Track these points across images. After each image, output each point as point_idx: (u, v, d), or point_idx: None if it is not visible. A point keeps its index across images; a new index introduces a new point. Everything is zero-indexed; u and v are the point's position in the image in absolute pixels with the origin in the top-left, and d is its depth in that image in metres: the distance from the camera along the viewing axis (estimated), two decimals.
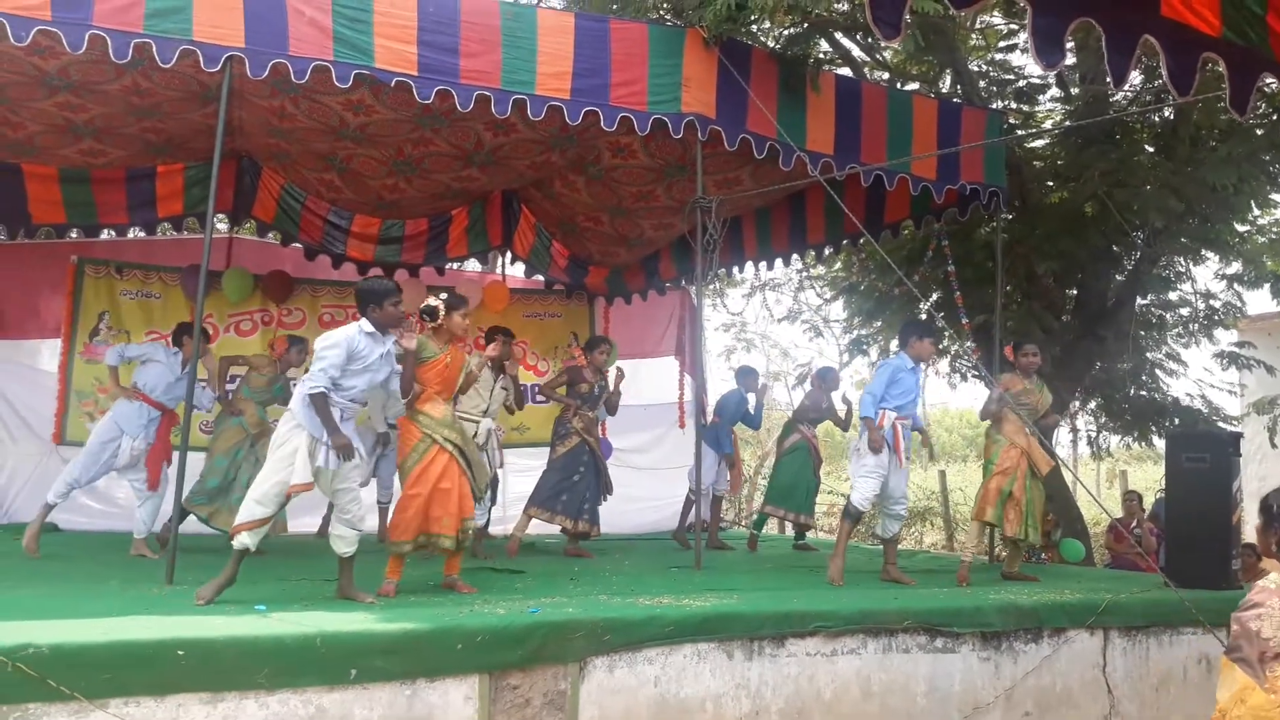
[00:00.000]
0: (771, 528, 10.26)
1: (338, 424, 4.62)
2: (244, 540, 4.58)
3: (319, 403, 4.58)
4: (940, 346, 6.43)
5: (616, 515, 9.40)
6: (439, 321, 5.15)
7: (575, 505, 7.21)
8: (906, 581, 6.13)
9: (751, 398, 8.72)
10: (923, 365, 6.37)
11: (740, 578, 6.18)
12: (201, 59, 5.24)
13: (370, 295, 4.86)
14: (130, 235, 9.53)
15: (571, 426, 7.33)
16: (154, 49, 5.14)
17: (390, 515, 5.52)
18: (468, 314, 5.28)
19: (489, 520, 8.16)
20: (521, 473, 8.54)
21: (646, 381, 10.69)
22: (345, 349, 4.68)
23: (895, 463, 6.13)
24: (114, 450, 6.47)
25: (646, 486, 9.47)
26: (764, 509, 8.72)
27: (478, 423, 6.80)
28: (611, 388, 7.47)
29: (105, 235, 9.53)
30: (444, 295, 5.30)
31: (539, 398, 9.36)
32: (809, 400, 8.71)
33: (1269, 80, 3.66)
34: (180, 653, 3.39)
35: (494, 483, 7.67)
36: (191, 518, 6.82)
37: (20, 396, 8.83)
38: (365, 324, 4.81)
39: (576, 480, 7.22)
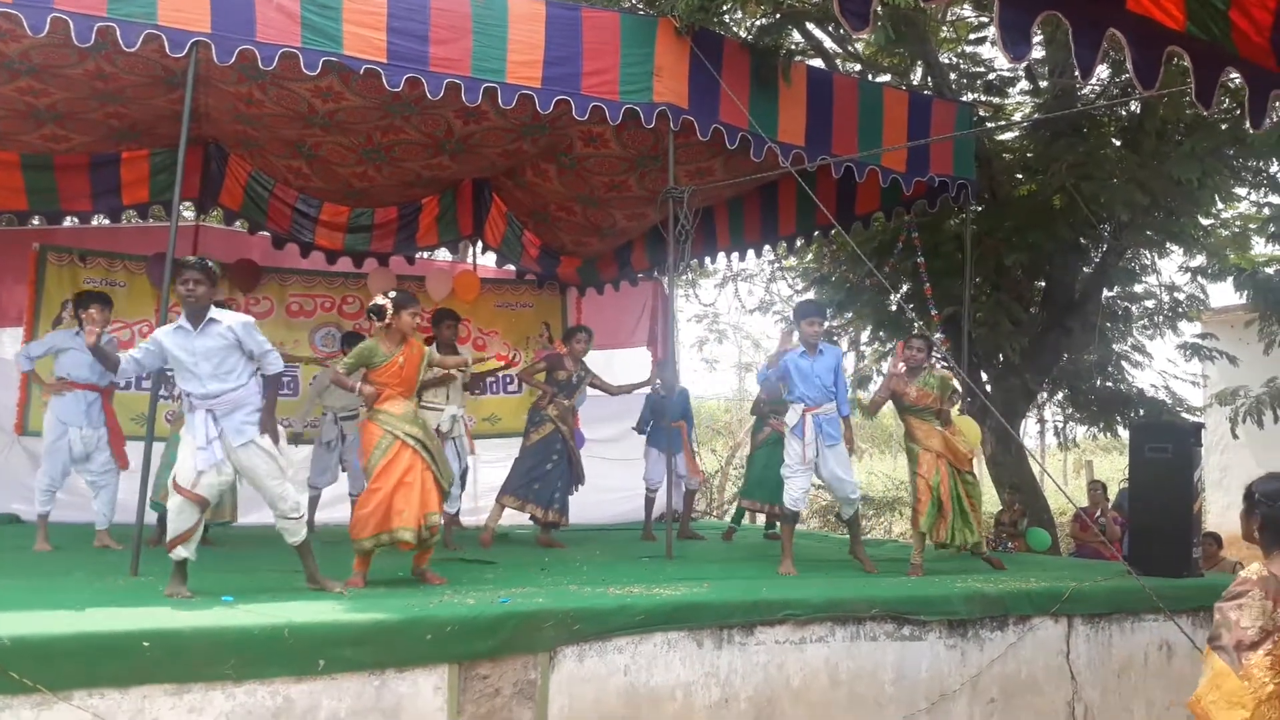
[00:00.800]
0: (749, 519, 10.28)
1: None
2: (180, 553, 4.46)
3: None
4: (815, 326, 6.18)
5: (588, 506, 9.39)
6: (387, 321, 5.04)
7: (547, 494, 7.22)
8: (868, 565, 6.16)
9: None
10: (823, 348, 6.12)
11: (711, 567, 6.21)
12: (167, 44, 5.16)
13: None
14: (94, 223, 9.38)
15: (546, 414, 7.33)
16: (118, 33, 5.06)
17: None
18: (419, 312, 5.17)
19: (459, 510, 8.14)
20: (492, 463, 8.53)
21: (621, 372, 10.68)
22: (152, 343, 4.61)
23: (822, 453, 6.02)
24: (66, 445, 6.38)
25: (618, 477, 9.46)
26: (740, 502, 8.73)
27: (441, 411, 6.76)
28: (590, 378, 7.46)
29: (68, 222, 9.38)
30: (393, 294, 5.16)
31: (510, 388, 9.35)
32: (765, 391, 8.59)
33: (1233, 74, 3.70)
34: (146, 644, 3.37)
35: (464, 472, 7.65)
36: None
37: None
38: (179, 317, 4.68)
39: (549, 469, 7.23)
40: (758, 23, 7.61)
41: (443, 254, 10.93)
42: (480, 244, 10.30)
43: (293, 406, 9.24)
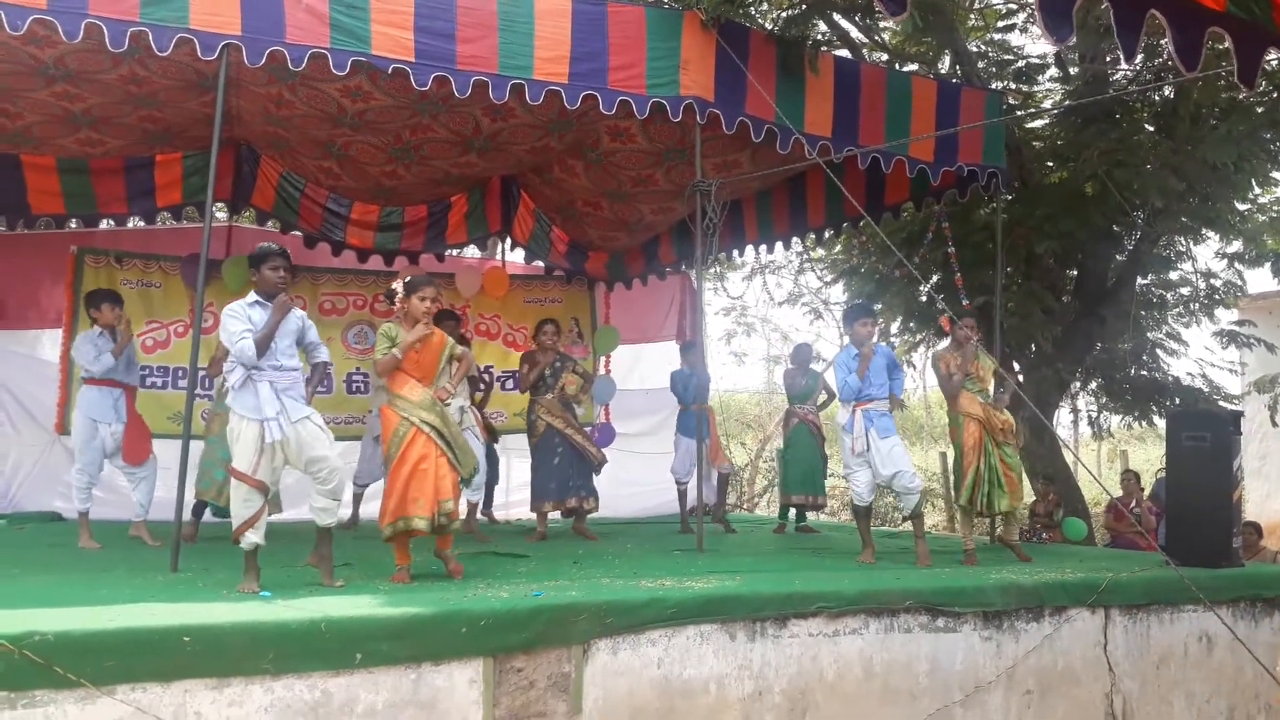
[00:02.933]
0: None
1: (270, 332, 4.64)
2: (250, 539, 4.58)
3: (259, 346, 4.61)
4: (869, 327, 6.30)
5: (619, 499, 9.43)
6: (399, 305, 5.08)
7: (563, 485, 7.35)
8: (923, 560, 6.12)
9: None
10: (867, 347, 6.15)
11: (742, 559, 6.20)
12: (198, 47, 5.22)
13: (253, 260, 4.89)
14: (129, 225, 9.51)
15: (536, 415, 7.43)
16: (150, 37, 5.13)
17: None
18: (431, 297, 5.11)
19: (488, 500, 8.19)
20: (526, 456, 8.55)
21: (648, 366, 10.71)
22: (241, 316, 4.69)
23: (874, 446, 6.08)
24: (99, 442, 6.48)
25: (649, 470, 9.48)
26: (784, 500, 8.71)
27: (448, 404, 6.80)
28: (567, 373, 7.49)
29: (104, 225, 9.51)
30: (407, 278, 5.18)
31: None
32: (787, 380, 8.65)
33: (1272, 56, 3.64)
34: (186, 639, 3.41)
35: (494, 463, 7.70)
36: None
37: (22, 387, 8.84)
38: (251, 295, 4.82)
39: (557, 463, 7.34)
40: (783, 14, 7.57)
41: (472, 251, 10.97)
42: (509, 240, 10.34)
43: (329, 404, 9.35)
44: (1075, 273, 9.87)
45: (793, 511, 8.69)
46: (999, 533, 6.71)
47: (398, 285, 5.11)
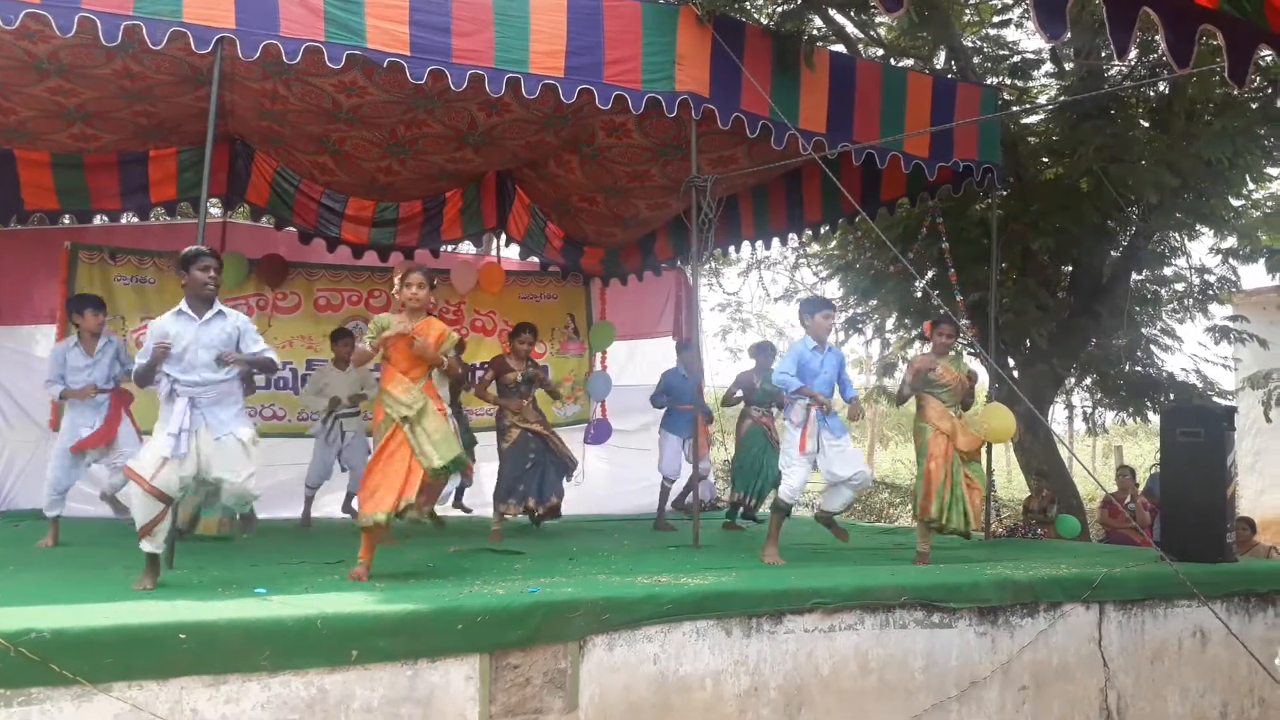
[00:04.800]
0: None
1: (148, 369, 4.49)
2: (146, 546, 4.47)
3: (139, 378, 4.55)
4: (831, 320, 6.17)
5: (615, 496, 9.45)
6: (396, 292, 5.02)
7: (535, 488, 7.20)
8: (840, 534, 6.16)
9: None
10: (826, 342, 6.02)
11: (738, 556, 6.20)
12: (192, 41, 5.21)
13: (181, 262, 4.61)
14: (123, 220, 9.48)
15: (509, 421, 7.33)
16: (144, 31, 5.11)
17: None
18: (413, 283, 4.96)
19: (459, 494, 8.16)
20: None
21: (644, 362, 10.70)
22: (150, 335, 4.54)
23: (823, 448, 5.90)
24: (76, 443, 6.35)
25: (645, 467, 9.47)
26: (731, 498, 8.62)
27: None
28: (538, 376, 7.44)
29: (98, 221, 9.49)
30: (407, 267, 5.10)
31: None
32: (743, 380, 8.33)
33: (1265, 52, 3.65)
34: (182, 636, 3.40)
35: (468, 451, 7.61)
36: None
37: (16, 383, 8.81)
38: (181, 303, 4.63)
39: (529, 467, 7.22)
40: (779, 9, 7.57)
41: (467, 247, 10.95)
42: (504, 236, 10.32)
43: (290, 402, 9.35)
44: (1070, 268, 9.89)
45: (761, 505, 8.58)
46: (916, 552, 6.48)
47: (396, 274, 5.05)
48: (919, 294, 9.94)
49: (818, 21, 8.88)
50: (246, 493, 4.65)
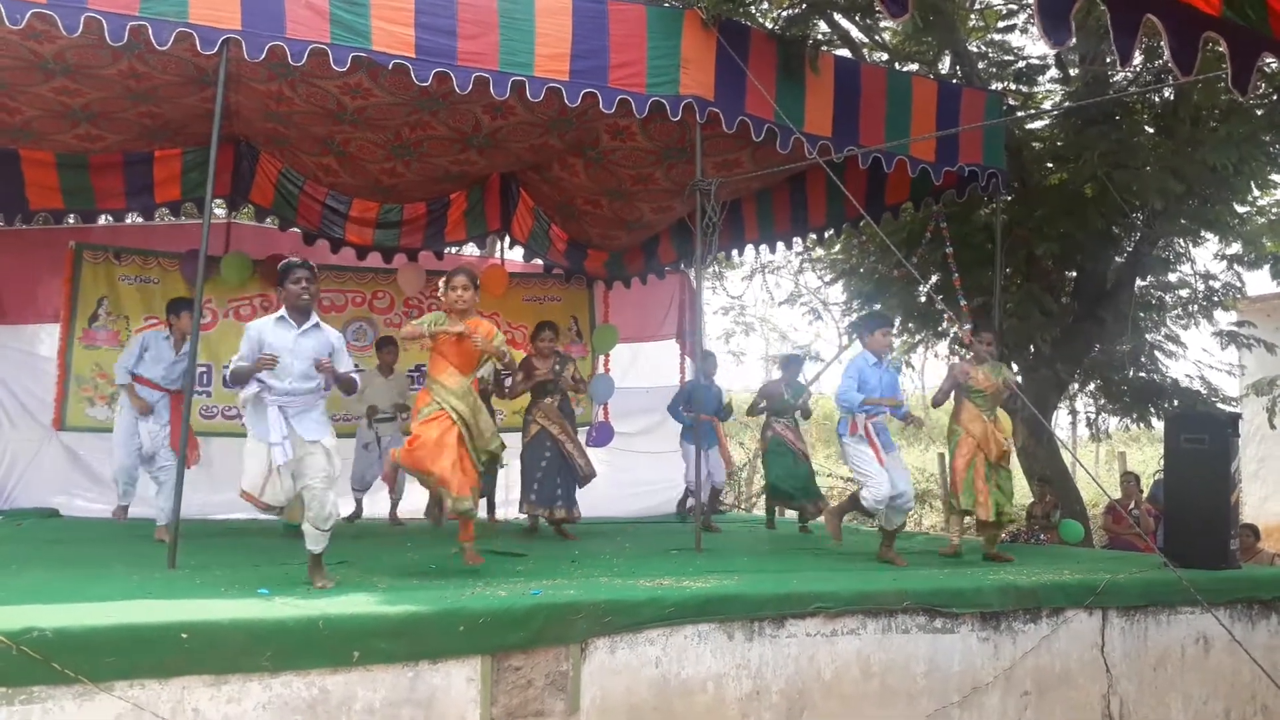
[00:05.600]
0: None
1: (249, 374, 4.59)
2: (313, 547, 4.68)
3: (235, 378, 4.64)
4: (906, 331, 6.34)
5: (617, 499, 9.43)
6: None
7: (549, 493, 7.27)
8: (899, 562, 6.13)
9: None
10: (888, 359, 6.17)
11: (740, 559, 6.20)
12: (198, 41, 5.21)
13: (278, 275, 4.79)
14: (128, 220, 9.51)
15: (532, 417, 7.40)
16: (150, 31, 5.12)
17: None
18: (457, 285, 5.14)
19: (490, 505, 8.18)
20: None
21: (647, 365, 10.71)
22: (250, 338, 4.63)
23: (885, 460, 6.02)
24: (137, 440, 6.49)
25: (647, 470, 9.49)
26: (769, 502, 8.70)
27: None
28: (567, 374, 7.44)
29: (103, 221, 9.51)
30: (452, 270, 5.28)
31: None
32: (768, 389, 8.43)
33: (1269, 60, 3.65)
34: (184, 635, 3.41)
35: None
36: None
37: (20, 382, 8.82)
38: (281, 310, 4.77)
39: (544, 466, 7.29)
40: (784, 13, 7.57)
41: (471, 249, 10.97)
42: (508, 239, 10.33)
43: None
44: (1074, 274, 9.87)
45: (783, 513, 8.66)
46: (982, 551, 6.61)
47: (441, 284, 5.25)
48: (923, 299, 9.93)
49: (823, 26, 8.89)
50: (329, 500, 4.68)
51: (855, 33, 9.67)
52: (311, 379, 4.68)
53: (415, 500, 7.81)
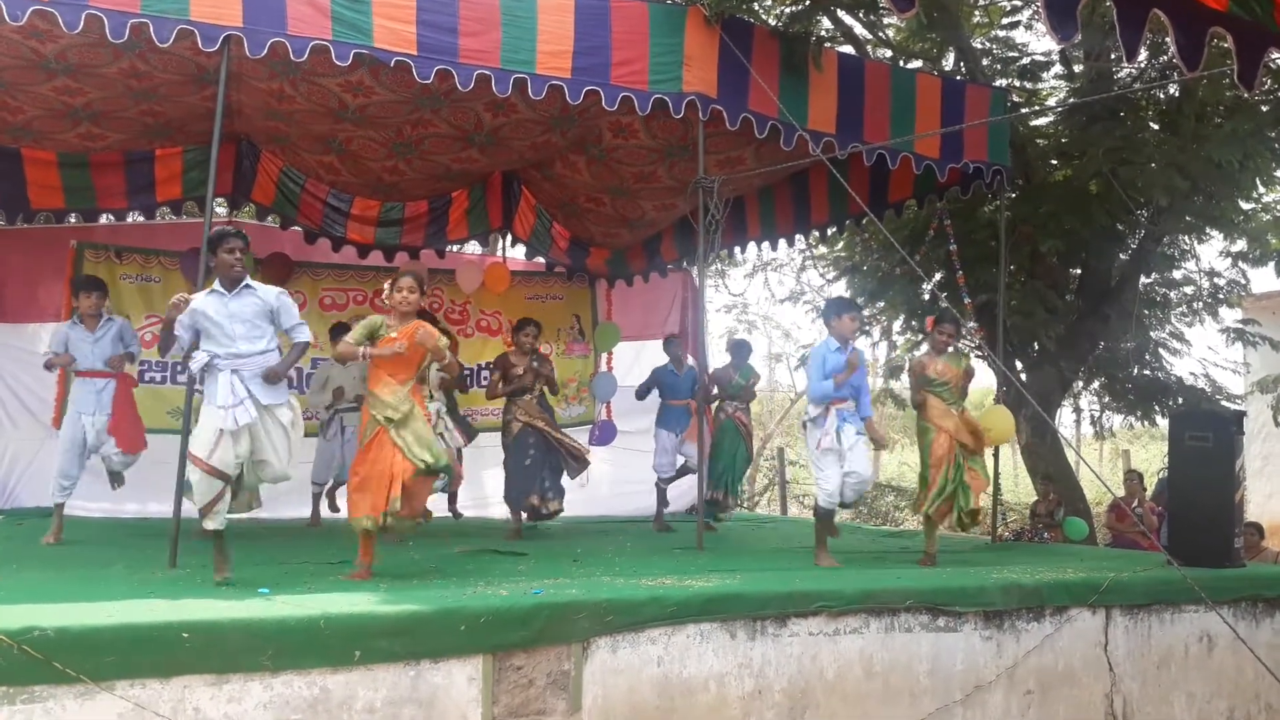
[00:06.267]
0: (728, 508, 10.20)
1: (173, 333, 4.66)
2: (209, 524, 4.60)
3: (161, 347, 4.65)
4: (856, 321, 6.14)
5: (619, 497, 9.43)
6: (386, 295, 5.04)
7: (539, 486, 7.24)
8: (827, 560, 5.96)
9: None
10: (852, 344, 6.01)
11: (743, 558, 6.19)
12: (199, 38, 5.20)
13: (209, 243, 4.83)
14: (129, 219, 9.49)
15: (513, 415, 7.37)
16: (151, 29, 5.11)
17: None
18: (404, 287, 4.98)
19: (452, 498, 8.15)
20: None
21: (650, 363, 10.67)
22: (189, 314, 4.67)
23: (844, 443, 5.83)
24: (81, 434, 6.37)
25: (649, 468, 9.46)
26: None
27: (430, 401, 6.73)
28: (545, 372, 7.43)
29: (104, 220, 9.50)
30: (400, 270, 5.13)
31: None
32: (718, 376, 8.39)
33: (1275, 56, 3.62)
34: (185, 635, 3.40)
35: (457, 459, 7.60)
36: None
37: (21, 381, 8.82)
38: (214, 283, 4.80)
39: (529, 464, 7.26)
40: (787, 10, 7.55)
41: (473, 247, 10.95)
42: (510, 237, 10.31)
43: (300, 401, 9.35)
44: (1079, 271, 9.85)
45: (752, 507, 8.67)
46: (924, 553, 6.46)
47: (387, 285, 5.08)
48: (927, 296, 9.91)
49: (826, 22, 8.86)
50: (284, 475, 4.77)
51: (859, 29, 9.64)
52: (257, 339, 4.72)
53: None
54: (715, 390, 8.35)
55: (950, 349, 6.39)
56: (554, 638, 4.02)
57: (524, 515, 7.38)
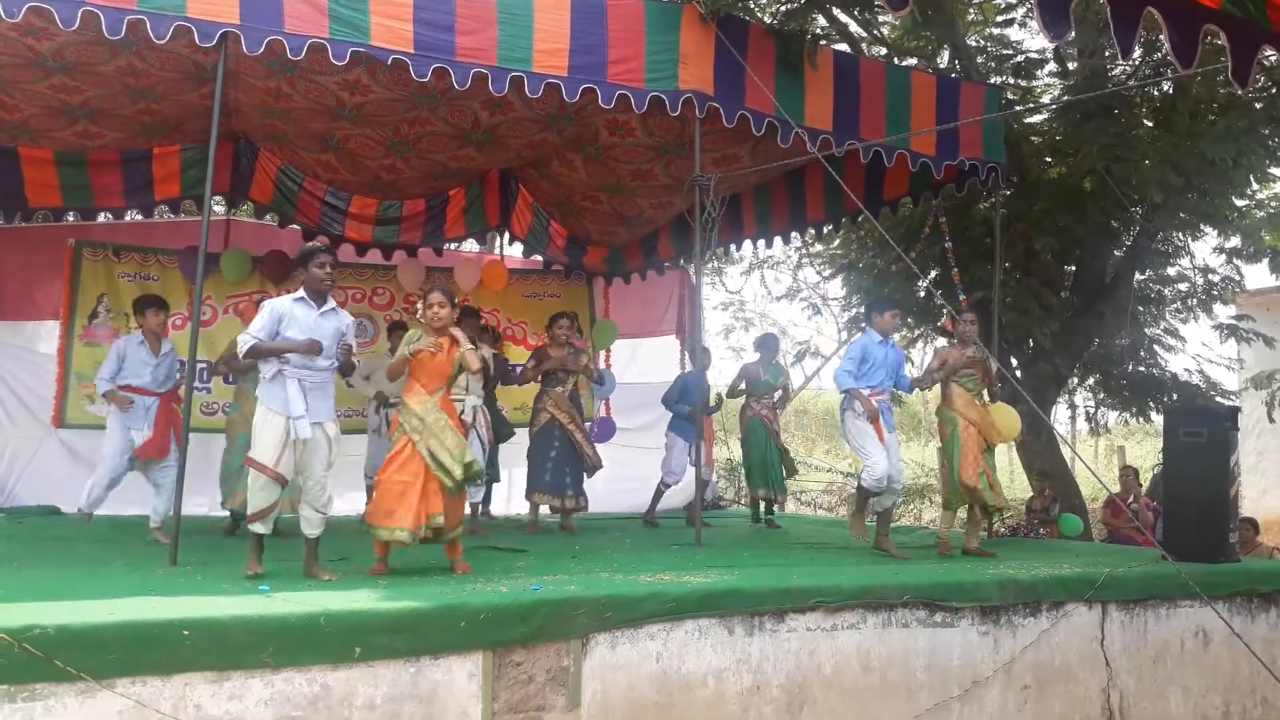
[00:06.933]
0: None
1: (284, 349, 4.73)
2: (258, 528, 4.75)
3: (252, 352, 4.71)
4: (905, 320, 6.53)
5: (618, 494, 9.44)
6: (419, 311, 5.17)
7: (559, 482, 7.40)
8: (896, 553, 6.16)
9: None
10: (893, 340, 6.46)
11: (741, 554, 6.21)
12: (196, 35, 5.20)
13: (299, 258, 4.99)
14: (127, 218, 9.49)
15: (543, 405, 7.49)
16: (148, 25, 5.10)
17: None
18: (434, 303, 5.07)
19: (487, 497, 8.19)
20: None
21: (648, 361, 10.71)
22: (271, 314, 4.77)
23: (887, 440, 6.17)
24: (130, 445, 6.40)
25: (648, 465, 9.47)
26: (751, 495, 8.74)
27: (462, 401, 6.79)
28: (583, 362, 7.53)
29: (102, 218, 9.50)
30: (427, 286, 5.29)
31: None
32: (748, 371, 8.50)
33: (1269, 53, 3.64)
34: (186, 632, 3.41)
35: (494, 463, 7.69)
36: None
37: (19, 379, 8.83)
38: (299, 291, 4.94)
39: (553, 455, 7.39)
40: (783, 8, 7.56)
41: (470, 245, 10.96)
42: (507, 235, 10.32)
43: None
44: (1073, 268, 9.87)
45: (763, 506, 8.70)
46: (963, 545, 6.61)
47: (419, 305, 5.22)
48: (922, 293, 9.93)
49: (821, 20, 8.87)
50: (328, 484, 4.85)
51: (854, 27, 9.66)
52: (329, 358, 4.86)
53: None
54: (743, 386, 8.43)
55: (975, 343, 6.61)
56: (553, 634, 4.04)
57: (543, 504, 7.49)
